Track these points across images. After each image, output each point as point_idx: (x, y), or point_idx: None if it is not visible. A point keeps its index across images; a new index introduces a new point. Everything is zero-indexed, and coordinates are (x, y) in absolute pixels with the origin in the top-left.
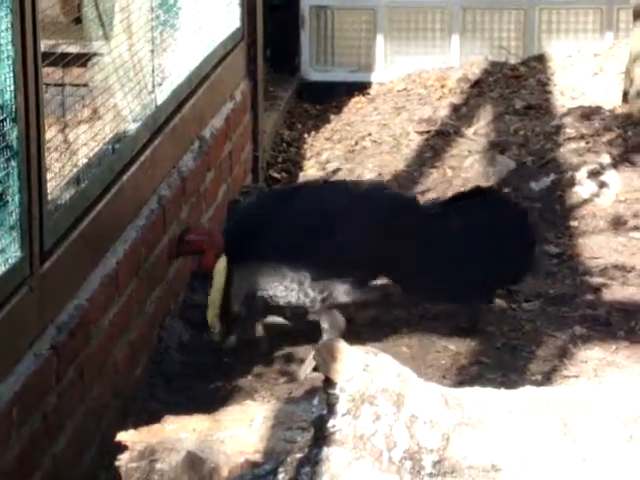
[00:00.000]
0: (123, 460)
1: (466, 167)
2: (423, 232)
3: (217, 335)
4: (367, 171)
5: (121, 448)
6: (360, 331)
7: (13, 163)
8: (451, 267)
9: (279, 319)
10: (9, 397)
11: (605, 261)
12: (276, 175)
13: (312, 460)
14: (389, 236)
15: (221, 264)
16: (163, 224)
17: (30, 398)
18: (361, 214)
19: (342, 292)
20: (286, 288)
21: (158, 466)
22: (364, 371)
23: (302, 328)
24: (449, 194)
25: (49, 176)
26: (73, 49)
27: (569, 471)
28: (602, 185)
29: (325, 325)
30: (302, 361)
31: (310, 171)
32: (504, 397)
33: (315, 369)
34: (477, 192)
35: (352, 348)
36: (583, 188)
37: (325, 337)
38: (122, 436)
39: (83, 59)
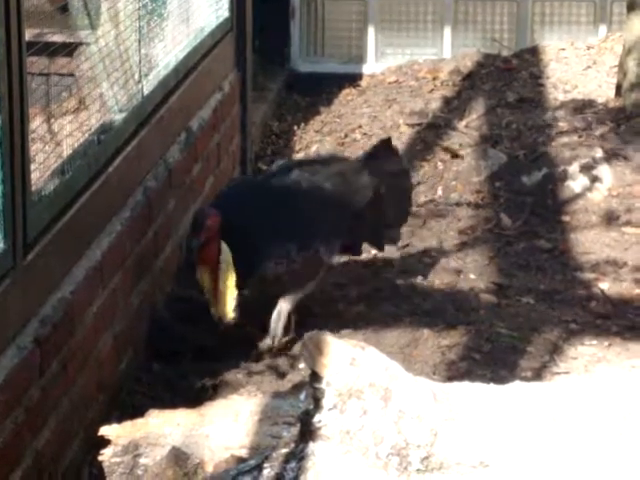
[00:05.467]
0: (106, 455)
1: (457, 160)
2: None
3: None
4: None
5: (105, 443)
6: (349, 326)
7: None
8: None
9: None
10: None
11: (597, 256)
12: (264, 167)
13: (298, 455)
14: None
15: (226, 252)
16: (149, 216)
17: (13, 392)
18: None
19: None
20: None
21: (142, 461)
22: (351, 365)
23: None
24: (439, 188)
25: (33, 167)
26: (59, 38)
27: (558, 467)
28: (594, 179)
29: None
30: (291, 356)
31: None
32: (493, 393)
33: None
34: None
35: (339, 341)
36: (575, 182)
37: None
38: (105, 430)
39: (69, 48)
